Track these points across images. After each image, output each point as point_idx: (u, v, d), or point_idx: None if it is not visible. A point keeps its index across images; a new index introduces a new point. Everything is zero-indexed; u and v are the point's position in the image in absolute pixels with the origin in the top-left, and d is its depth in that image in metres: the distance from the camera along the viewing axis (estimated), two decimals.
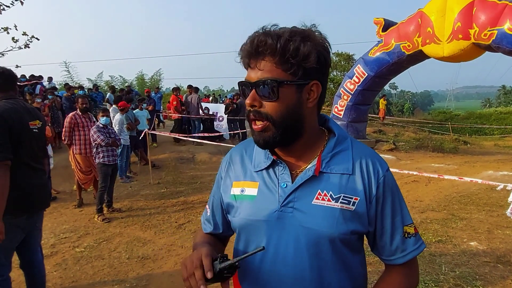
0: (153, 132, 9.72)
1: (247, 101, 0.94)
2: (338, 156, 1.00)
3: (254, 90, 0.93)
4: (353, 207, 0.95)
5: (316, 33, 0.95)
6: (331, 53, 0.99)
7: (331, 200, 0.95)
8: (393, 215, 1.00)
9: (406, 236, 1.01)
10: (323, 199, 0.95)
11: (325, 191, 0.96)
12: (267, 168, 1.03)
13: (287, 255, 0.96)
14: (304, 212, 0.95)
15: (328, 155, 0.99)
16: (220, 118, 12.43)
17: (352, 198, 0.96)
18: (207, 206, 1.21)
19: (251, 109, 0.95)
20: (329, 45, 0.96)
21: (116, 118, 7.65)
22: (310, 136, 1.01)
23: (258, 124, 0.95)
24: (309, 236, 0.95)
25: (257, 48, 0.91)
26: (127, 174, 8.07)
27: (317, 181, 0.97)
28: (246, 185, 1.04)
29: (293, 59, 0.89)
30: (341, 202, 0.95)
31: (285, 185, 0.98)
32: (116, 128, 7.45)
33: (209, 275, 0.85)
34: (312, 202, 0.96)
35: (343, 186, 0.96)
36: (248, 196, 1.02)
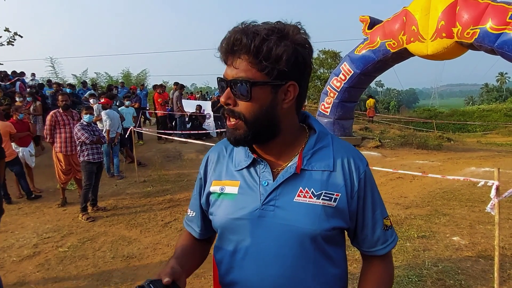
0: (139, 129, 9.59)
1: (222, 99, 0.93)
2: (319, 153, 1.00)
3: (228, 88, 0.92)
4: (335, 203, 0.96)
5: (301, 31, 0.92)
6: (313, 52, 0.97)
7: (312, 197, 0.95)
8: (374, 209, 1.03)
9: (385, 228, 1.04)
10: (304, 196, 0.95)
11: (306, 188, 0.96)
12: (248, 167, 1.02)
13: (269, 254, 0.96)
14: (286, 210, 0.95)
15: (309, 152, 0.99)
16: (208, 116, 12.39)
17: (333, 195, 0.96)
18: (189, 209, 1.20)
19: (225, 107, 0.95)
20: (310, 44, 0.94)
21: (115, 115, 7.67)
22: (289, 134, 1.00)
23: (231, 121, 0.95)
24: (291, 234, 0.95)
25: (232, 46, 0.89)
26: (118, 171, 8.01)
27: (299, 179, 0.97)
28: (226, 184, 1.03)
29: (265, 61, 0.87)
30: (322, 199, 0.95)
31: (266, 183, 0.98)
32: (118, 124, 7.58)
33: None
34: (294, 200, 0.96)
35: (325, 183, 0.97)
36: (229, 194, 1.02)
